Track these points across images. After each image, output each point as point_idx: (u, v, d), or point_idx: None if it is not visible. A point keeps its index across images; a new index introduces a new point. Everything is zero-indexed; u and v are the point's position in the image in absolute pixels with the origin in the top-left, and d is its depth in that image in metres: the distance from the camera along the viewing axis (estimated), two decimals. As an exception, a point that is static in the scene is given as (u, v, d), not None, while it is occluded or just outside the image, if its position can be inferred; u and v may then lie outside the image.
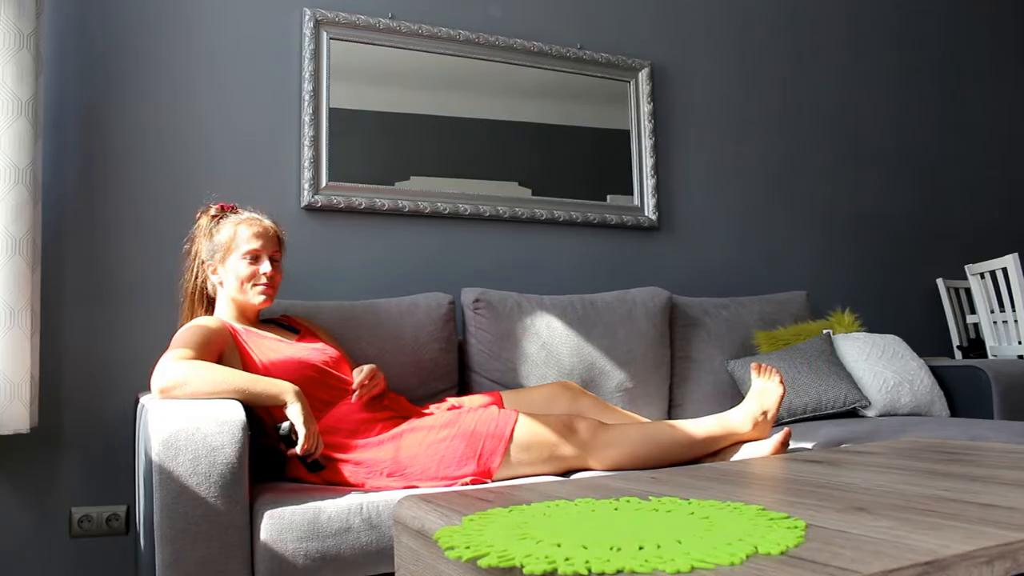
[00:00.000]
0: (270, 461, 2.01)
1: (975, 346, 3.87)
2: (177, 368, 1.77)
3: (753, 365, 2.25)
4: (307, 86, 2.75)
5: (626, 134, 3.29)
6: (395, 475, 1.91)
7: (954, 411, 2.95)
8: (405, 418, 2.08)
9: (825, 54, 3.91)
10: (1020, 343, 3.41)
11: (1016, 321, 3.41)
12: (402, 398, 2.22)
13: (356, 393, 2.00)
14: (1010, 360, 3.19)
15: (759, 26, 3.73)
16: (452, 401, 2.26)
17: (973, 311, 3.91)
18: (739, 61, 3.66)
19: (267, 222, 2.19)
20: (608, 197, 3.23)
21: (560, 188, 3.13)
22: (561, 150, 3.15)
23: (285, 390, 1.82)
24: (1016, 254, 3.41)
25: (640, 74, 3.33)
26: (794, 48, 3.82)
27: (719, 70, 3.60)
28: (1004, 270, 3.45)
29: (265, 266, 2.12)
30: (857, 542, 0.83)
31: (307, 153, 2.73)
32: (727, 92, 3.61)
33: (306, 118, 2.74)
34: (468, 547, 0.87)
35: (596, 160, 3.22)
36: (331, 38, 2.81)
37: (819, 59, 3.89)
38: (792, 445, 2.21)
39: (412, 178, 2.89)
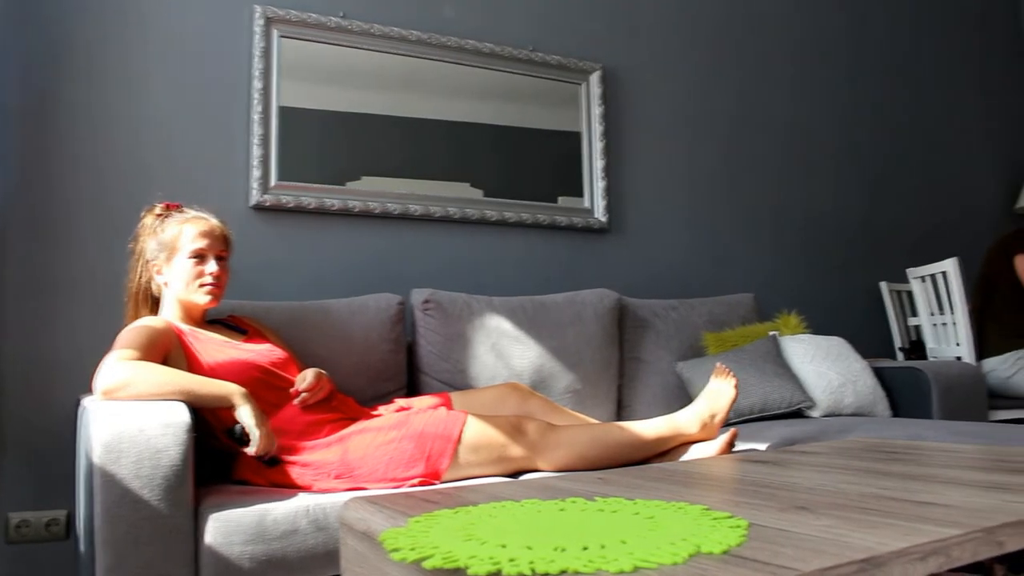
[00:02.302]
0: (216, 463, 1.98)
1: (916, 348, 3.96)
2: (121, 369, 1.74)
3: (718, 365, 2.27)
4: (257, 84, 2.72)
5: (577, 136, 3.31)
6: (343, 477, 1.90)
7: (896, 411, 3.01)
8: (353, 420, 2.07)
9: (775, 60, 3.97)
10: (958, 345, 3.49)
11: (955, 323, 3.50)
12: (351, 399, 2.20)
13: (298, 399, 1.99)
14: (949, 361, 3.27)
15: (710, 31, 3.78)
16: (401, 402, 2.25)
17: (915, 313, 4.00)
18: (690, 65, 3.70)
19: (214, 221, 2.16)
20: (559, 199, 3.24)
21: (512, 189, 3.14)
22: (513, 151, 3.16)
23: (232, 392, 1.80)
24: (956, 258, 3.49)
25: (591, 77, 3.35)
26: (745, 53, 3.87)
27: (670, 74, 3.63)
28: (944, 274, 3.53)
29: (211, 266, 2.10)
30: (798, 541, 0.84)
31: (256, 152, 2.70)
32: (678, 96, 3.64)
33: (256, 116, 2.71)
34: (413, 549, 0.87)
35: (548, 162, 3.23)
36: (282, 36, 2.78)
37: (769, 65, 3.95)
38: (738, 446, 2.24)
39: (364, 178, 2.88)
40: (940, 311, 3.64)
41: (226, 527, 1.61)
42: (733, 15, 3.86)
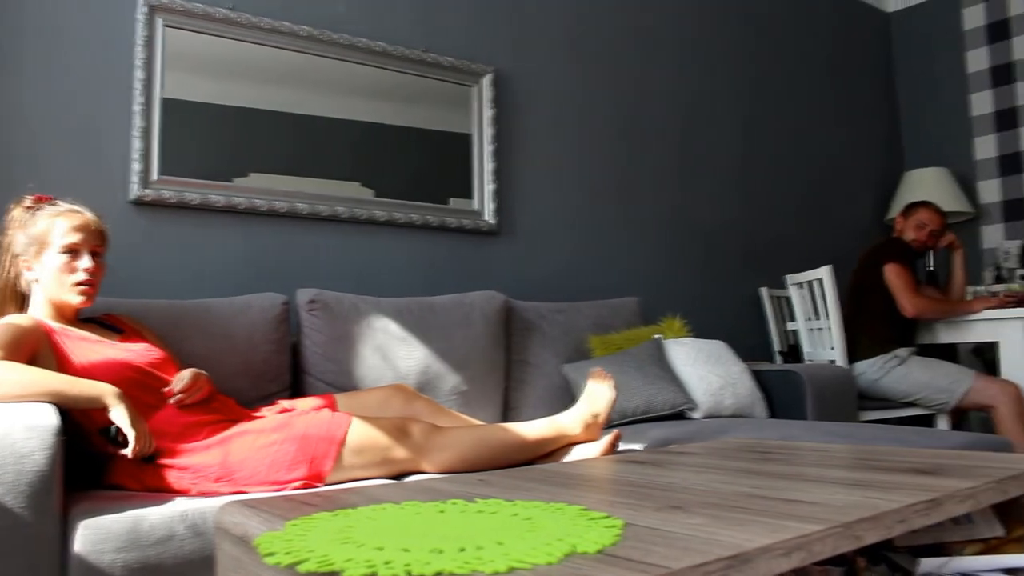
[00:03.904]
0: (89, 468, 1.91)
1: (793, 351, 4.12)
2: (-17, 369, 1.66)
3: (593, 370, 2.31)
4: (139, 74, 2.63)
5: (468, 138, 3.31)
6: (223, 480, 1.85)
7: (773, 412, 3.12)
8: (234, 421, 2.02)
9: (663, 70, 4.07)
10: (832, 349, 3.64)
11: (829, 328, 3.65)
12: (232, 401, 2.15)
13: (174, 399, 1.93)
14: (822, 365, 3.41)
15: (603, 38, 3.84)
16: (284, 404, 2.21)
17: (792, 318, 4.15)
18: (582, 71, 3.75)
19: (89, 215, 2.08)
20: (450, 200, 3.24)
21: (403, 190, 3.12)
22: (404, 152, 3.14)
23: (105, 392, 1.74)
24: (830, 266, 3.65)
25: (483, 79, 3.36)
26: (634, 62, 3.95)
27: (562, 79, 3.68)
28: (819, 281, 3.68)
29: (85, 262, 2.02)
30: (670, 539, 0.87)
31: (137, 145, 2.61)
32: (569, 101, 3.69)
33: (137, 108, 2.62)
34: (288, 553, 0.85)
35: (439, 163, 3.23)
36: (166, 25, 2.70)
37: (657, 75, 4.04)
38: (621, 446, 2.28)
39: (252, 175, 2.82)
40: (816, 316, 3.79)
41: (97, 534, 1.55)
42: (624, 24, 3.94)
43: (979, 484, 1.18)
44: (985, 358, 4.10)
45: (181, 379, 1.96)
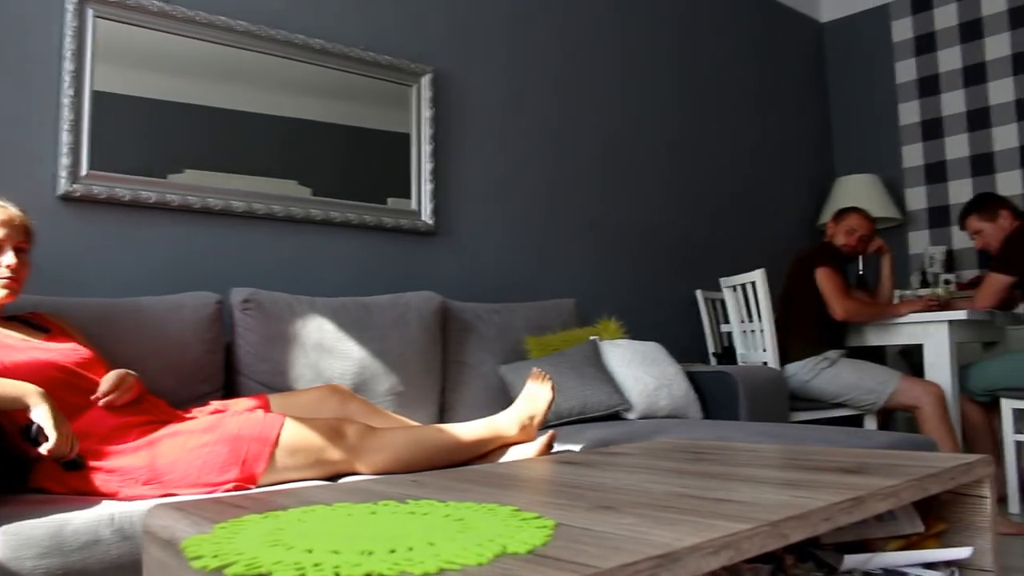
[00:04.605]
0: (13, 471, 1.85)
1: (727, 353, 4.18)
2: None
3: (534, 370, 2.32)
4: (68, 66, 2.56)
5: (407, 138, 3.30)
6: (152, 483, 1.81)
7: (707, 413, 3.16)
8: (165, 422, 1.98)
9: (601, 74, 4.10)
10: (765, 351, 3.70)
11: (762, 331, 3.71)
12: (162, 402, 2.11)
13: (102, 400, 1.89)
14: (755, 366, 3.47)
15: (540, 41, 3.86)
16: (216, 404, 2.18)
17: (727, 320, 4.21)
18: (520, 74, 3.76)
19: (13, 210, 2.02)
20: (388, 200, 3.22)
21: (341, 189, 3.09)
22: (342, 150, 3.11)
23: (27, 392, 1.69)
24: (763, 269, 3.71)
25: (422, 79, 3.35)
26: (572, 65, 3.98)
27: (501, 81, 3.68)
28: (753, 284, 3.74)
29: (8, 258, 1.96)
30: (600, 539, 0.87)
31: (66, 138, 2.54)
32: (508, 103, 3.70)
33: (66, 100, 2.55)
34: (216, 556, 0.84)
35: (378, 162, 3.21)
36: (97, 16, 2.63)
37: (595, 79, 4.07)
38: (557, 447, 2.29)
39: (187, 171, 2.76)
40: (749, 319, 3.85)
41: (16, 540, 1.50)
42: (561, 28, 3.96)
43: (901, 482, 1.22)
44: (911, 360, 4.21)
45: (108, 380, 1.91)
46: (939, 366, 3.54)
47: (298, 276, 2.98)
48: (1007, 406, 3.49)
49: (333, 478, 1.99)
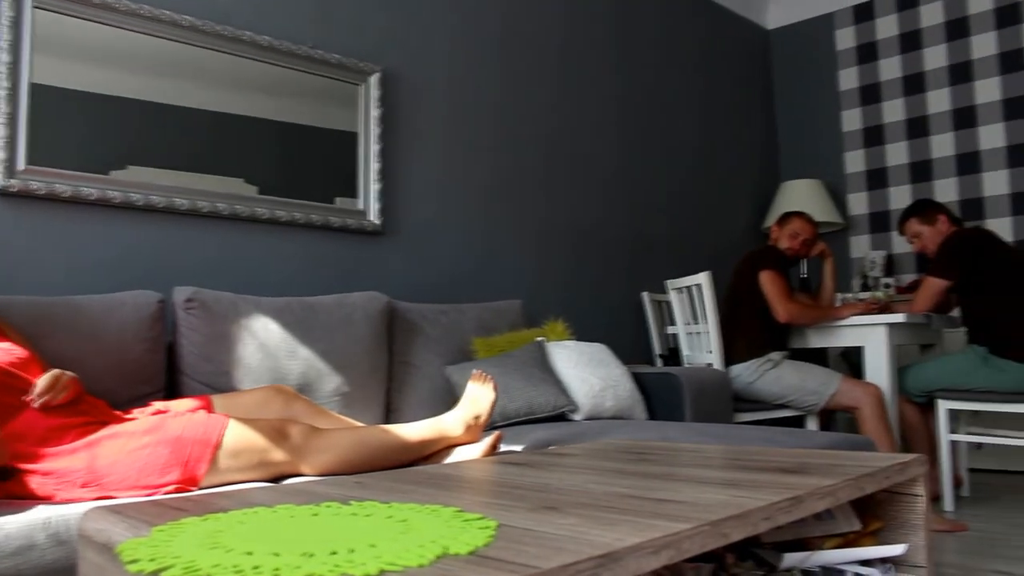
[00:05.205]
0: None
1: (673, 355, 4.22)
2: None
3: (474, 372, 2.32)
4: (4, 57, 2.49)
5: (355, 137, 3.28)
6: (90, 485, 1.78)
7: (652, 414, 3.19)
8: (104, 424, 1.94)
9: (546, 75, 4.12)
10: (710, 352, 3.75)
11: (707, 333, 3.75)
12: (102, 402, 2.07)
13: (37, 403, 1.84)
14: (700, 368, 3.51)
15: (488, 42, 3.86)
16: (158, 405, 2.14)
17: (673, 322, 4.26)
18: (468, 75, 3.76)
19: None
20: (336, 200, 3.20)
21: (289, 188, 3.06)
22: (290, 149, 3.08)
23: (-43, 393, 1.65)
24: (708, 272, 3.76)
25: (371, 78, 3.33)
26: (519, 68, 3.99)
27: (449, 82, 3.68)
28: (698, 286, 3.79)
29: (-59, 255, 1.91)
30: (542, 539, 0.88)
31: (1, 132, 2.47)
32: (456, 104, 3.70)
33: (2, 92, 2.48)
34: (152, 560, 0.83)
35: (325, 161, 3.18)
36: (36, 7, 2.56)
37: (541, 79, 4.09)
38: (503, 448, 2.30)
39: (130, 168, 2.71)
40: (695, 321, 3.89)
41: (-53, 544, 1.47)
42: (508, 30, 3.97)
43: (838, 482, 1.24)
44: (851, 362, 4.30)
45: (43, 380, 1.87)
46: (878, 368, 3.62)
47: (243, 275, 2.94)
48: (942, 406, 3.58)
49: (277, 480, 1.97)
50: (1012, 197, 4.70)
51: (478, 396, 2.25)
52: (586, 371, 3.06)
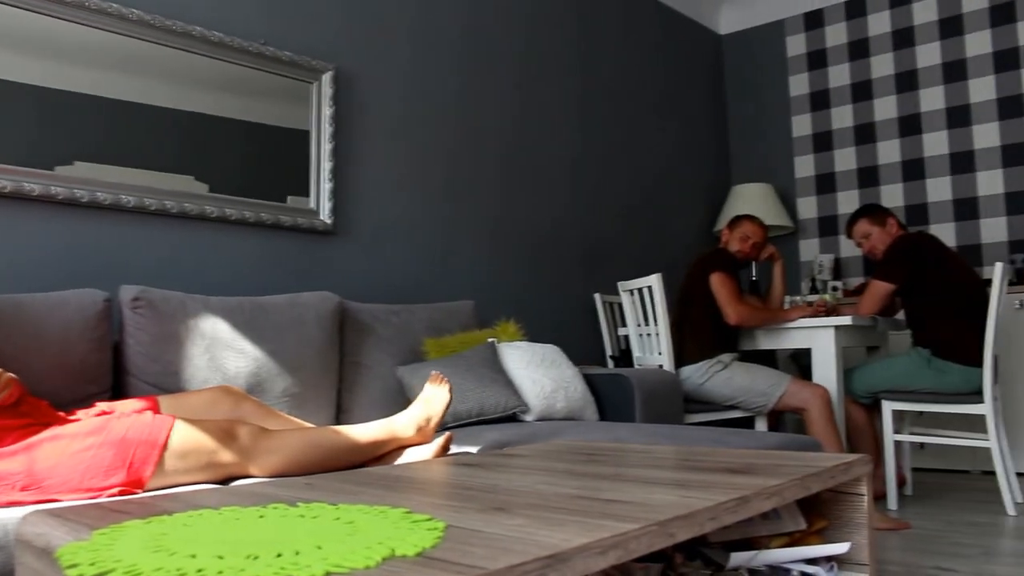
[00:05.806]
0: None
1: (625, 356, 4.25)
2: None
3: (433, 372, 2.31)
4: (-56, 50, 2.44)
5: (307, 135, 3.25)
6: (30, 488, 1.74)
7: (603, 415, 3.20)
8: (46, 425, 1.90)
9: (501, 76, 4.12)
10: (660, 354, 3.78)
11: (658, 334, 3.78)
12: (44, 403, 2.02)
13: None
14: (651, 369, 3.54)
15: (443, 43, 3.85)
16: (103, 406, 2.10)
17: (624, 324, 4.28)
18: (422, 75, 3.75)
19: None
20: (289, 198, 3.17)
21: (241, 186, 3.02)
22: (241, 146, 3.04)
23: None
24: (659, 274, 3.78)
25: (324, 76, 3.30)
26: (474, 67, 3.99)
27: (405, 82, 3.66)
28: (650, 288, 3.82)
29: None
30: (490, 540, 0.88)
31: (-59, 126, 2.42)
32: (411, 104, 3.68)
33: (-59, 86, 2.43)
34: (92, 564, 0.81)
35: (277, 160, 3.15)
36: (-22, -1, 2.51)
37: (495, 81, 4.09)
38: (454, 449, 2.29)
39: (76, 163, 2.65)
40: (646, 322, 3.92)
41: None
42: (464, 30, 3.97)
43: (784, 482, 1.26)
44: (800, 363, 4.36)
45: (-20, 381, 1.83)
46: (826, 369, 3.68)
47: (192, 274, 2.90)
48: (887, 407, 3.65)
49: (225, 481, 1.94)
50: (955, 203, 4.81)
51: (432, 397, 2.25)
52: (538, 372, 3.06)
